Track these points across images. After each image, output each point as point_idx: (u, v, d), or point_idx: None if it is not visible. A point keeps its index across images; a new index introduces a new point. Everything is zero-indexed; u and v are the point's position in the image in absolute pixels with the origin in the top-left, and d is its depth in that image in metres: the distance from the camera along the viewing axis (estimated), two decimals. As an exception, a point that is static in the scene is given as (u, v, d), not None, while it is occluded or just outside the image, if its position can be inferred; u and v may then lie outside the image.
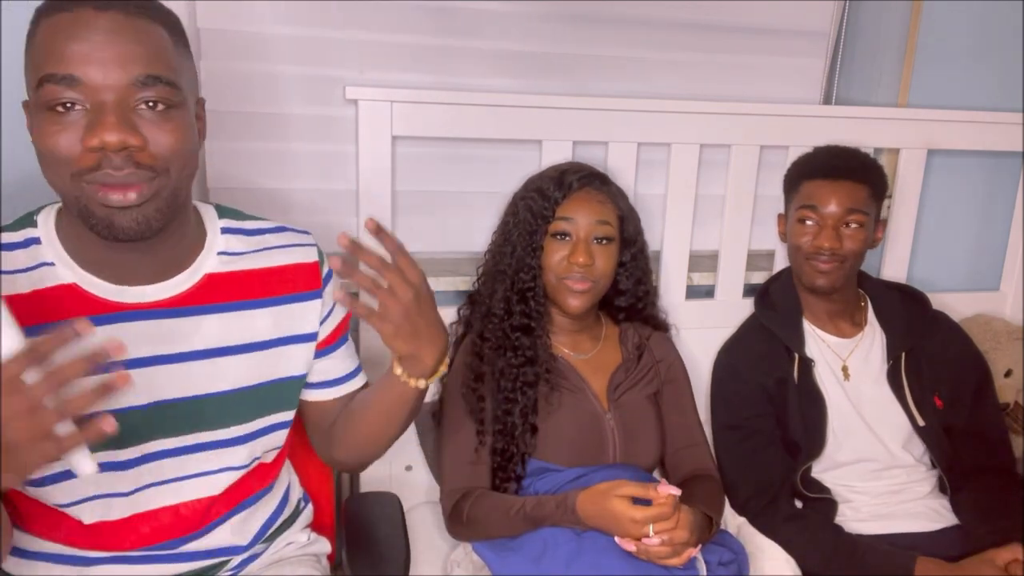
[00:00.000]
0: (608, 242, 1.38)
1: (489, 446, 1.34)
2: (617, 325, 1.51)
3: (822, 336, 1.56)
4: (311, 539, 1.16)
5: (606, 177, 1.43)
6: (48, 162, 0.82)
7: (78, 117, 0.80)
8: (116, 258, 0.89)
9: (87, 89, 0.79)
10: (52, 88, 0.79)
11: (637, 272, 1.47)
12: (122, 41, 0.81)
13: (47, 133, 0.80)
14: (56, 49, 0.79)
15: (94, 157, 0.80)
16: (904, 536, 1.41)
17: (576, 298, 1.37)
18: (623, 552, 1.15)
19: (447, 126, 1.51)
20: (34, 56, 0.82)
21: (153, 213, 0.84)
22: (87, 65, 0.79)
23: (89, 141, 0.79)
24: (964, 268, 1.99)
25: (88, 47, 0.79)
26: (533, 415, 1.34)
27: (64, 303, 0.87)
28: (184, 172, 0.87)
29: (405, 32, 1.59)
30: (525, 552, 1.20)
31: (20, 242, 0.89)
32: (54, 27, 0.80)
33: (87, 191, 0.81)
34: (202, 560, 1.01)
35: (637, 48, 1.73)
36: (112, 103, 0.80)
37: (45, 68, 0.80)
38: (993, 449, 1.52)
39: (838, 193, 1.47)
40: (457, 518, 1.34)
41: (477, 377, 1.36)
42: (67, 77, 0.79)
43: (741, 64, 1.81)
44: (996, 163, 1.94)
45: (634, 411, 1.41)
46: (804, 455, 1.47)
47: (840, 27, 1.86)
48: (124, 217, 0.82)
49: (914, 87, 1.81)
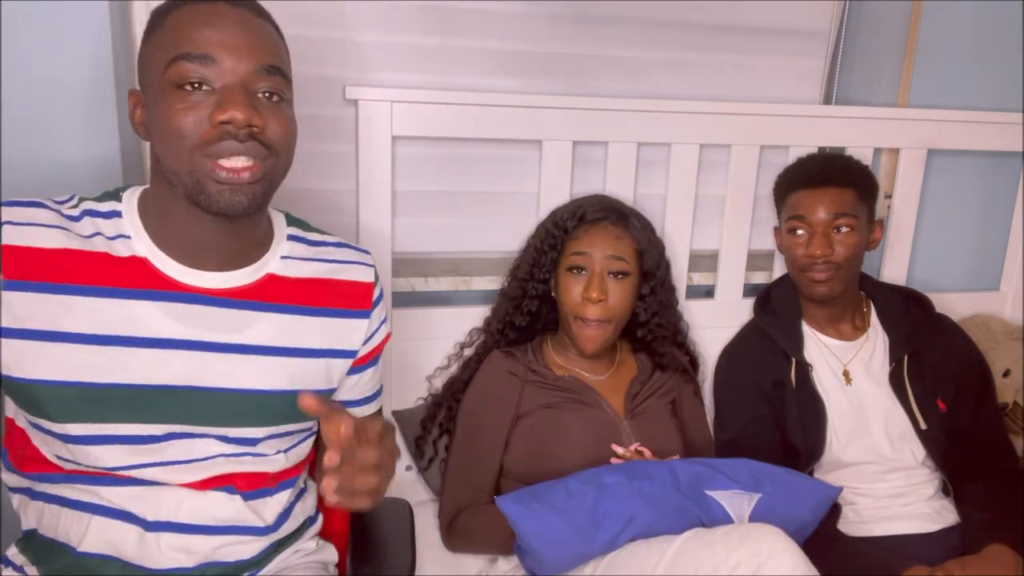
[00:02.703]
0: (623, 276, 1.39)
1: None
2: (632, 344, 1.53)
3: (823, 340, 1.56)
4: (319, 545, 1.16)
5: (625, 211, 1.43)
6: (170, 137, 0.87)
7: (203, 97, 0.86)
8: (194, 239, 0.94)
9: (218, 70, 0.87)
10: (186, 66, 0.86)
11: (655, 305, 1.48)
12: (251, 33, 0.89)
13: (174, 110, 0.86)
14: (192, 33, 0.86)
15: (218, 132, 0.86)
16: (906, 538, 1.42)
17: (590, 342, 1.38)
18: (648, 499, 1.15)
19: (447, 126, 1.51)
20: (163, 41, 0.88)
21: (258, 192, 0.91)
22: (220, 49, 0.87)
23: (219, 116, 0.85)
24: (964, 268, 1.99)
25: (221, 34, 0.87)
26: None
27: (132, 273, 0.92)
28: (286, 162, 0.94)
29: (405, 32, 1.59)
30: (548, 501, 1.17)
31: (104, 212, 0.95)
32: (189, 15, 0.88)
33: (204, 166, 0.87)
34: (218, 535, 1.00)
35: (637, 48, 1.73)
36: (239, 85, 0.87)
37: (180, 48, 0.86)
38: (996, 451, 1.52)
39: (823, 200, 1.47)
40: (453, 533, 1.35)
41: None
42: (202, 56, 0.86)
43: (741, 64, 1.81)
44: (996, 163, 1.94)
45: (653, 419, 1.42)
46: (804, 459, 1.47)
47: (840, 27, 1.86)
48: (234, 193, 0.88)
49: (914, 87, 1.81)
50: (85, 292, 0.90)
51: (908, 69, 1.80)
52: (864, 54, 1.87)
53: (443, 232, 1.70)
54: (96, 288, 0.90)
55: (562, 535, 1.13)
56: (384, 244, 1.51)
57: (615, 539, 1.14)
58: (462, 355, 1.54)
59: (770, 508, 1.17)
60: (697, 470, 1.20)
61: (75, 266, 0.90)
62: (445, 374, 1.54)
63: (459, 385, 1.47)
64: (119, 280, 0.92)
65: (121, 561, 0.96)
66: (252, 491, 1.01)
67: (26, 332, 0.88)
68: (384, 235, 1.51)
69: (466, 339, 1.55)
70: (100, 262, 0.92)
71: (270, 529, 1.04)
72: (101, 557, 0.96)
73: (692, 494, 1.17)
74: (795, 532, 1.16)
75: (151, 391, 0.92)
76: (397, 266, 1.59)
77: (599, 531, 1.14)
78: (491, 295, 1.59)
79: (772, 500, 1.18)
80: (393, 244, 1.54)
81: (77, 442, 0.92)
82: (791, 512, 1.19)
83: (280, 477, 1.05)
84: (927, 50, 1.80)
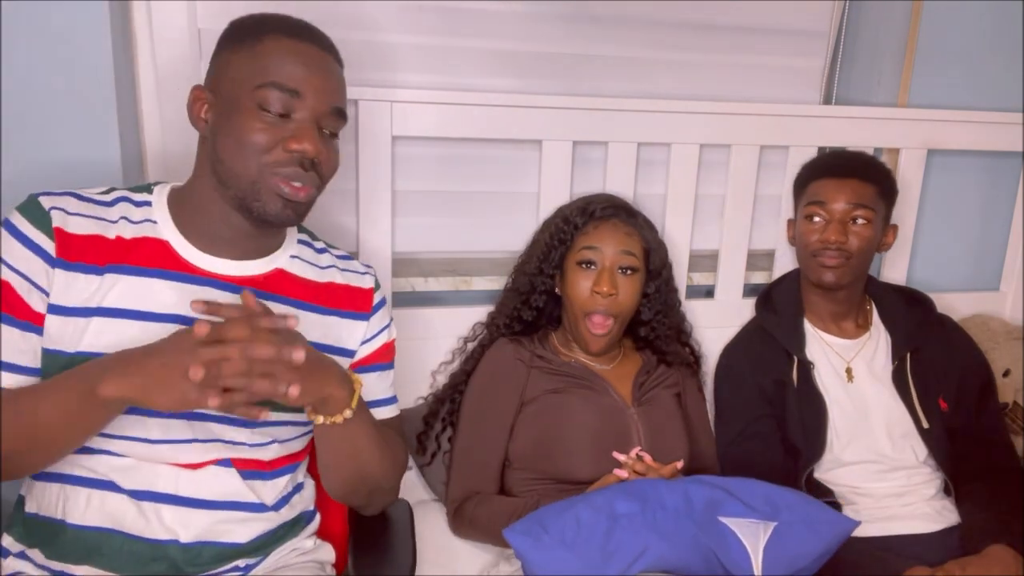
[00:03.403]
0: (632, 272, 1.40)
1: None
2: (635, 343, 1.54)
3: (825, 338, 1.56)
4: (316, 544, 1.17)
5: (633, 210, 1.46)
6: (244, 147, 0.97)
7: (280, 122, 0.98)
8: (221, 234, 1.03)
9: (300, 104, 0.99)
10: (275, 94, 0.97)
11: (658, 304, 1.49)
12: (333, 79, 1.03)
13: (254, 128, 0.97)
14: (287, 66, 0.98)
15: (289, 157, 0.98)
16: (907, 538, 1.42)
17: (597, 341, 1.39)
18: (661, 531, 1.13)
19: (447, 126, 1.51)
20: (256, 62, 0.98)
21: (303, 211, 1.04)
22: (307, 87, 0.99)
23: (294, 145, 0.98)
24: (964, 268, 1.99)
25: (309, 74, 0.99)
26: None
27: (154, 254, 1.01)
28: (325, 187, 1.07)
29: (405, 32, 1.58)
30: (558, 532, 1.14)
31: (137, 200, 1.05)
32: (286, 47, 0.99)
33: (269, 180, 0.98)
34: (218, 511, 1.03)
35: (637, 48, 1.73)
36: (314, 121, 1.00)
37: (273, 77, 0.97)
38: (998, 451, 1.52)
39: (844, 190, 1.49)
40: (460, 519, 1.34)
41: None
42: (292, 91, 0.98)
43: (741, 64, 1.80)
44: (996, 163, 1.94)
45: (660, 408, 1.42)
46: (805, 458, 1.47)
47: (840, 27, 1.86)
48: (288, 208, 1.00)
49: (914, 87, 1.81)
50: (114, 271, 0.98)
51: (908, 69, 1.80)
52: (864, 54, 1.87)
53: (443, 232, 1.70)
54: (122, 267, 0.98)
55: (571, 568, 1.10)
56: (384, 244, 1.51)
57: (625, 572, 1.11)
58: (466, 349, 1.54)
59: (786, 538, 1.13)
60: (713, 495, 1.16)
61: (107, 249, 0.98)
62: (449, 370, 1.55)
63: (462, 377, 1.48)
64: (140, 259, 0.99)
65: (121, 534, 0.98)
66: (249, 470, 1.05)
67: (69, 309, 0.96)
68: (384, 235, 1.51)
69: (470, 333, 1.55)
70: (125, 244, 1.00)
71: (268, 508, 1.07)
72: (100, 530, 0.98)
73: (706, 523, 1.13)
74: (809, 565, 1.14)
75: None
76: (397, 266, 1.59)
77: (610, 564, 1.10)
78: (491, 295, 1.59)
79: (788, 530, 1.14)
80: (393, 244, 1.54)
81: None
82: (807, 545, 1.14)
83: (276, 464, 1.08)
84: (927, 50, 1.80)
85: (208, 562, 1.02)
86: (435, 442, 1.49)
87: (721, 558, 1.12)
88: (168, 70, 1.39)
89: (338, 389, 0.98)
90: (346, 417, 1.00)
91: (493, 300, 1.56)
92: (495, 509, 1.31)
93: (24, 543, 1.01)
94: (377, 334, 1.16)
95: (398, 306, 1.56)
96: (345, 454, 1.07)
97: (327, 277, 1.13)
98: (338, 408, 0.99)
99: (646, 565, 1.11)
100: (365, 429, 1.06)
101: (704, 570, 1.12)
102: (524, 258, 1.52)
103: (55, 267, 0.95)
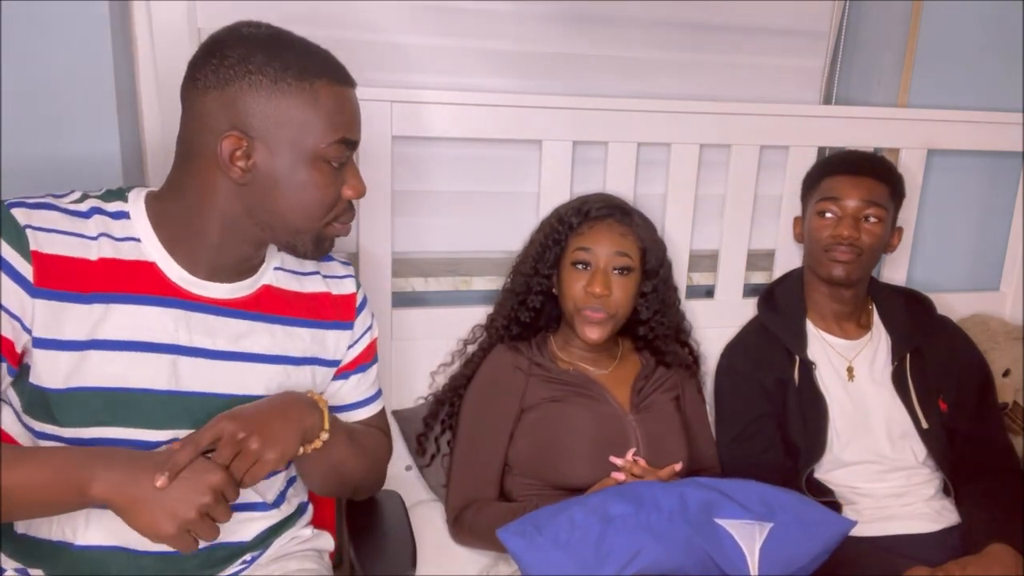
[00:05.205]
0: (627, 272, 1.39)
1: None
2: (635, 343, 1.53)
3: (827, 338, 1.56)
4: (314, 533, 1.19)
5: (629, 209, 1.45)
6: (310, 204, 0.97)
7: (336, 171, 0.98)
8: (214, 259, 0.99)
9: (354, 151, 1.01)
10: (344, 150, 0.97)
11: (656, 303, 1.48)
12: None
13: (321, 184, 0.96)
14: (354, 122, 0.99)
15: (345, 203, 1.01)
16: (906, 538, 1.41)
17: (594, 330, 1.39)
18: (655, 532, 1.13)
19: (447, 126, 1.51)
20: (321, 114, 0.94)
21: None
22: (359, 135, 1.01)
23: (351, 193, 1.00)
24: (964, 268, 1.99)
25: (359, 122, 1.01)
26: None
27: (140, 278, 0.95)
28: None
29: (405, 32, 1.59)
30: (552, 533, 1.14)
31: (112, 212, 0.97)
32: (347, 97, 0.98)
33: (334, 228, 1.01)
34: None
35: (637, 48, 1.73)
36: (355, 163, 1.03)
37: (347, 134, 0.97)
38: (996, 452, 1.52)
39: (859, 187, 1.50)
40: (460, 527, 1.35)
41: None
42: (355, 144, 1.00)
43: (741, 64, 1.80)
44: (996, 163, 1.94)
45: (658, 414, 1.41)
46: (805, 458, 1.47)
47: (840, 27, 1.86)
48: (328, 247, 1.04)
49: (914, 87, 1.81)
50: (103, 300, 0.92)
51: (908, 69, 1.80)
52: (864, 54, 1.87)
53: (443, 232, 1.70)
54: (112, 295, 0.93)
55: (565, 569, 1.10)
56: (384, 244, 1.51)
57: (620, 573, 1.10)
58: (465, 352, 1.54)
59: (782, 539, 1.13)
60: (708, 497, 1.16)
61: (92, 273, 0.92)
62: (449, 371, 1.55)
63: (462, 381, 1.47)
64: (129, 285, 0.94)
65: (126, 551, 0.97)
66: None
67: (54, 343, 0.90)
68: (384, 235, 1.51)
69: (469, 336, 1.55)
70: (112, 268, 0.94)
71: (270, 506, 1.09)
72: (106, 549, 0.97)
73: (701, 524, 1.13)
74: (805, 566, 1.14)
75: (166, 397, 0.96)
76: (397, 266, 1.59)
77: (604, 565, 1.10)
78: (491, 295, 1.58)
79: (784, 531, 1.14)
80: (393, 244, 1.53)
81: (83, 444, 0.93)
82: (803, 545, 1.14)
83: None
84: (927, 50, 1.79)
85: (218, 563, 1.05)
86: (434, 444, 1.49)
87: (717, 560, 1.12)
88: (168, 70, 1.39)
89: (309, 419, 0.98)
90: (323, 440, 1.00)
91: (493, 300, 1.56)
92: (495, 515, 1.31)
93: (20, 561, 1.00)
94: (361, 337, 1.16)
95: (398, 306, 1.56)
96: (324, 470, 1.08)
97: (311, 286, 1.11)
98: (314, 434, 0.99)
99: (641, 567, 1.10)
100: (342, 443, 1.06)
101: (699, 572, 1.12)
102: (521, 258, 1.52)
103: (36, 297, 0.89)
